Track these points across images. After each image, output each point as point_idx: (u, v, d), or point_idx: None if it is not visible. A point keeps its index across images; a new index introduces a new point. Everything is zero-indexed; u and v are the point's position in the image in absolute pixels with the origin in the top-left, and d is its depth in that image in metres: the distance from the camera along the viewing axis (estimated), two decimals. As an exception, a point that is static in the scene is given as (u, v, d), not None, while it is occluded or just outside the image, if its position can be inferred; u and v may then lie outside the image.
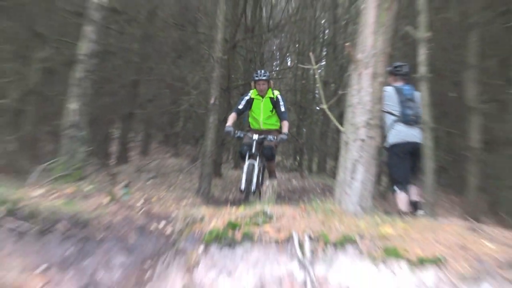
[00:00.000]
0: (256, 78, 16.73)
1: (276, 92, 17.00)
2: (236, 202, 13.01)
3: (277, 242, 7.99)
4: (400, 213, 12.05)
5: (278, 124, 16.85)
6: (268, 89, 17.01)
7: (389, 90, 13.17)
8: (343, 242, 7.77)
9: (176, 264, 8.41)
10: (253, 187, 15.12)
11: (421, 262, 7.46)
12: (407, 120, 12.67)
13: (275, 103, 16.69)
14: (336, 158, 18.71)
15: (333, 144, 30.54)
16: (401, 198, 12.79)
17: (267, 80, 16.84)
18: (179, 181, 21.12)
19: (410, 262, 7.52)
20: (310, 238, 7.84)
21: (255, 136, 16.11)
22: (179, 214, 9.72)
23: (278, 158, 42.10)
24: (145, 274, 9.03)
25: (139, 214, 9.95)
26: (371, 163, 9.24)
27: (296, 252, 7.82)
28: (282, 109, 16.50)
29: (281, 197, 11.38)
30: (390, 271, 7.45)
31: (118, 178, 15.68)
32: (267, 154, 16.66)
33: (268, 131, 16.65)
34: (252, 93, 16.94)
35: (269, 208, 8.65)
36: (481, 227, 8.48)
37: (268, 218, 8.30)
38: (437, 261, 7.38)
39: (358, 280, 7.58)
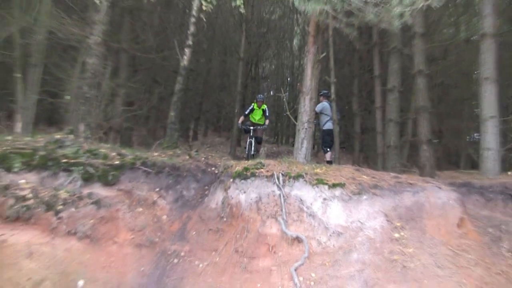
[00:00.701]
0: (257, 100, 17.01)
1: (265, 106, 17.23)
2: (247, 158, 13.11)
3: (266, 176, 8.82)
4: (326, 162, 12.19)
5: (263, 120, 16.94)
6: (262, 104, 17.10)
7: (326, 104, 13.68)
8: (298, 176, 8.61)
9: (219, 187, 9.38)
10: (252, 152, 15.92)
11: (334, 185, 8.48)
12: (331, 118, 12.85)
13: (264, 112, 17.04)
14: (294, 137, 18.69)
15: (293, 130, 30.34)
16: (327, 155, 13.05)
17: (262, 100, 17.03)
18: (220, 148, 21.09)
19: (328, 185, 8.42)
20: (282, 174, 8.62)
21: (252, 127, 16.57)
22: (221, 164, 10.00)
23: (265, 137, 41.24)
24: (205, 192, 9.78)
25: (202, 164, 10.12)
26: (309, 140, 10.01)
27: (275, 181, 8.46)
28: (267, 114, 16.97)
29: (268, 156, 11.36)
30: (319, 189, 8.21)
31: (192, 147, 15.69)
32: (258, 140, 16.87)
33: (258, 124, 16.86)
34: (253, 105, 17.08)
35: (263, 161, 8.85)
36: (361, 169, 8.93)
37: (262, 165, 8.57)
38: (341, 185, 8.40)
39: (305, 194, 8.01)
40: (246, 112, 17.08)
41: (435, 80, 20.37)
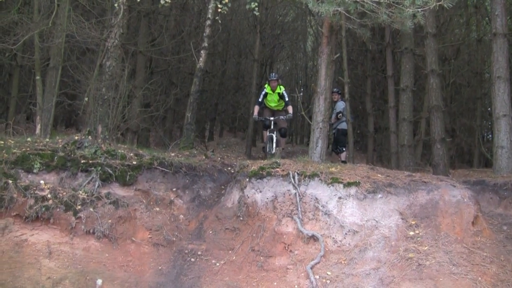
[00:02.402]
0: (269, 79, 14.24)
1: (282, 88, 14.19)
2: (262, 158, 12.92)
3: (282, 176, 8.82)
4: (340, 162, 12.10)
5: (283, 105, 14.17)
6: (278, 85, 14.10)
7: (343, 103, 13.36)
8: (313, 175, 8.58)
9: (236, 187, 9.38)
10: (273, 149, 13.24)
11: (349, 184, 8.43)
12: (346, 118, 12.91)
13: (281, 96, 13.94)
14: (308, 137, 18.58)
15: (307, 130, 30.22)
16: (342, 155, 13.03)
17: (277, 80, 14.12)
18: (236, 149, 20.96)
19: (343, 184, 8.39)
20: (297, 173, 8.57)
21: (271, 118, 13.88)
22: (237, 163, 9.92)
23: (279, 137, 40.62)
24: (221, 191, 9.81)
25: (218, 163, 10.12)
26: (324, 139, 9.85)
27: (291, 180, 8.46)
28: (286, 99, 13.95)
29: (283, 156, 11.21)
30: (334, 188, 8.19)
31: (208, 147, 15.53)
32: (283, 133, 14.41)
33: (277, 111, 14.27)
34: (266, 88, 14.13)
35: (278, 160, 8.80)
36: (376, 168, 8.87)
37: (278, 165, 8.56)
38: (356, 184, 8.37)
39: (320, 193, 8.05)
40: (260, 99, 14.41)
41: (447, 80, 20.32)
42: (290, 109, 13.92)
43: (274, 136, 13.74)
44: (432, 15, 13.71)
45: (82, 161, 9.06)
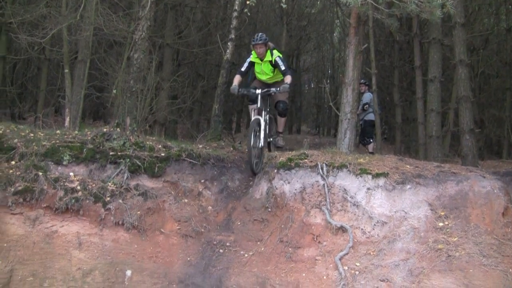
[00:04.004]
0: (253, 43, 10.77)
1: (276, 54, 10.82)
2: (290, 149, 12.78)
3: (310, 167, 8.77)
4: (368, 153, 12.09)
5: (281, 77, 10.93)
6: (266, 51, 10.76)
7: (370, 94, 13.36)
8: (341, 166, 8.56)
9: (264, 178, 9.39)
10: (261, 142, 10.22)
11: (377, 175, 8.34)
12: (373, 109, 12.89)
13: (274, 65, 10.74)
14: (335, 128, 18.51)
15: (334, 121, 30.08)
16: (369, 147, 13.08)
17: (264, 43, 10.65)
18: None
19: (372, 175, 8.30)
20: (326, 164, 8.50)
21: (258, 91, 10.57)
22: (265, 155, 9.72)
23: (306, 129, 39.91)
24: (249, 183, 9.84)
25: (246, 155, 10.07)
26: (352, 130, 9.81)
27: (319, 171, 8.50)
28: (282, 68, 10.58)
29: (310, 147, 11.12)
30: (363, 179, 8.26)
31: (236, 139, 15.52)
32: (281, 109, 11.15)
33: (273, 84, 11.01)
34: (252, 56, 10.94)
35: (306, 151, 8.76)
36: (404, 159, 8.85)
37: (306, 156, 8.59)
38: (384, 174, 8.29)
39: (349, 184, 8.19)
40: (243, 69, 11.12)
41: (476, 70, 20.12)
42: (288, 78, 10.51)
43: (261, 120, 10.49)
44: (460, 4, 13.54)
45: (111, 153, 9.13)
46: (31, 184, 8.11)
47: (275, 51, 10.91)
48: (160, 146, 9.69)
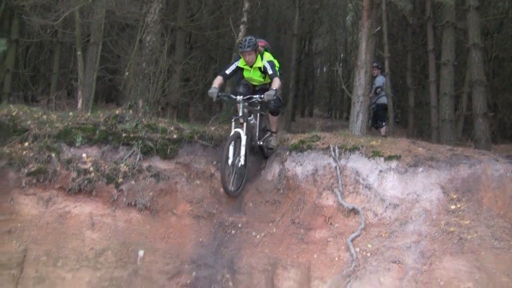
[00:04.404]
0: (240, 50, 9.46)
1: (266, 58, 9.55)
2: (303, 132, 12.68)
3: (322, 149, 8.80)
4: (381, 135, 12.09)
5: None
6: (256, 57, 9.46)
7: (383, 78, 13.35)
8: (353, 149, 8.58)
9: (276, 160, 9.41)
10: (242, 160, 8.87)
11: (390, 157, 8.33)
12: (386, 93, 12.92)
13: (264, 71, 9.48)
14: (348, 112, 18.54)
15: (346, 104, 29.99)
16: (382, 130, 13.07)
17: (254, 49, 9.28)
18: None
19: (384, 157, 8.30)
20: (338, 147, 8.48)
21: (239, 97, 9.15)
22: (277, 137, 9.72)
23: (318, 112, 39.63)
24: (262, 165, 9.93)
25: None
26: (365, 113, 9.82)
27: (331, 154, 8.53)
28: (270, 72, 9.20)
29: (323, 130, 11.10)
30: (375, 162, 8.29)
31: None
32: (272, 108, 9.90)
33: (263, 87, 9.88)
34: (240, 62, 9.64)
35: (319, 134, 8.73)
36: (416, 142, 8.82)
37: (318, 138, 8.60)
38: (397, 157, 8.29)
39: (361, 166, 8.26)
40: (227, 72, 9.68)
41: (489, 54, 19.99)
42: (275, 82, 9.12)
43: (242, 134, 8.96)
44: (475, -13, 13.51)
45: (123, 135, 9.16)
46: (44, 165, 8.18)
47: (266, 55, 9.74)
48: (172, 128, 9.69)
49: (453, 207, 7.38)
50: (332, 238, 7.63)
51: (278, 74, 9.48)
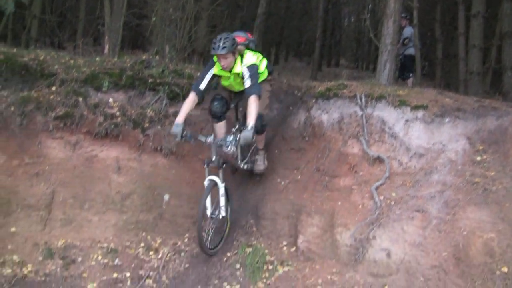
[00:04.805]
0: (213, 52, 7.07)
1: (246, 62, 7.27)
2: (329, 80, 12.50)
3: (349, 97, 8.73)
4: (408, 86, 12.03)
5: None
6: (235, 60, 7.26)
7: (411, 28, 13.25)
8: (380, 98, 8.49)
9: (302, 107, 9.38)
10: (222, 212, 7.38)
11: (416, 107, 8.27)
12: (414, 44, 12.80)
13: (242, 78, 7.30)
14: (374, 63, 18.40)
15: (373, 55, 29.76)
16: (409, 82, 12.98)
17: (231, 51, 6.98)
18: (301, 73, 20.83)
19: (411, 107, 8.23)
20: (364, 95, 8.47)
21: (210, 139, 7.28)
22: (303, 85, 9.68)
23: (344, 62, 39.28)
24: (288, 111, 9.56)
25: (284, 85, 10.25)
26: (392, 62, 9.74)
27: (358, 102, 8.48)
28: (247, 84, 7.09)
29: (349, 79, 11.00)
30: (401, 111, 8.22)
31: (274, 70, 15.49)
32: (259, 128, 7.50)
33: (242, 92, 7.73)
34: (216, 67, 7.41)
35: (345, 82, 8.72)
36: (443, 92, 8.81)
37: (345, 86, 8.61)
38: (423, 107, 8.23)
39: (387, 115, 8.25)
40: (202, 87, 7.41)
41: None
42: (252, 109, 6.91)
43: (219, 182, 7.35)
44: None
45: (149, 80, 9.15)
46: (71, 110, 8.18)
47: (247, 56, 7.50)
48: (198, 74, 9.70)
49: (478, 158, 7.34)
50: (357, 186, 7.69)
51: (262, 80, 7.79)
